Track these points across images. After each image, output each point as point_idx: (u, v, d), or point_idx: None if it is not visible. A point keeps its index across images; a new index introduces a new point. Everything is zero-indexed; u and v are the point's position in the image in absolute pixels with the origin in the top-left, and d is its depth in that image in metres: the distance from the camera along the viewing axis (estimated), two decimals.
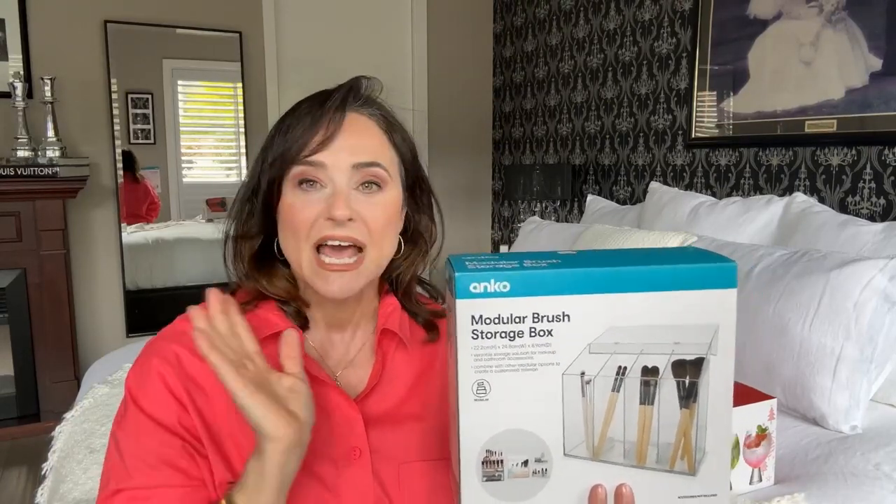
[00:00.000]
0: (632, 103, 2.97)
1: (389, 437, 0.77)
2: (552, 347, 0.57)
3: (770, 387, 1.50)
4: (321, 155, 0.73)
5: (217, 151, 3.51)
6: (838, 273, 1.49)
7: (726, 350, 0.60)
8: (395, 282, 0.84)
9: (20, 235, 2.82)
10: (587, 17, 3.21)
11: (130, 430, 0.72)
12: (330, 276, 0.74)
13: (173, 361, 0.74)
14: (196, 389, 0.73)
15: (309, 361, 0.75)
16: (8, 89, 2.83)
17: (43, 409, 2.90)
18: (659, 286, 0.58)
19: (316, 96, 0.77)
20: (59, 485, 1.35)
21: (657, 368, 0.59)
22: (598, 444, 0.59)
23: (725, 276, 0.59)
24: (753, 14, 2.35)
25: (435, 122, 3.82)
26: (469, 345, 0.57)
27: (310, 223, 0.73)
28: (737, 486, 1.14)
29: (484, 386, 0.57)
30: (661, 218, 2.36)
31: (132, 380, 0.75)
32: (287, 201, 0.75)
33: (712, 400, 0.60)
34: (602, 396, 0.58)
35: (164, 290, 3.33)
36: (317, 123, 0.73)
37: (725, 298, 0.60)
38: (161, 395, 0.73)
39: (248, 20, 3.38)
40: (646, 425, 0.59)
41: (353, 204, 0.73)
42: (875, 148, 2.03)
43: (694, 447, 0.60)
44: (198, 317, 0.64)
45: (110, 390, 1.65)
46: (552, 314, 0.57)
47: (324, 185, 0.74)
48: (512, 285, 0.56)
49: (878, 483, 1.19)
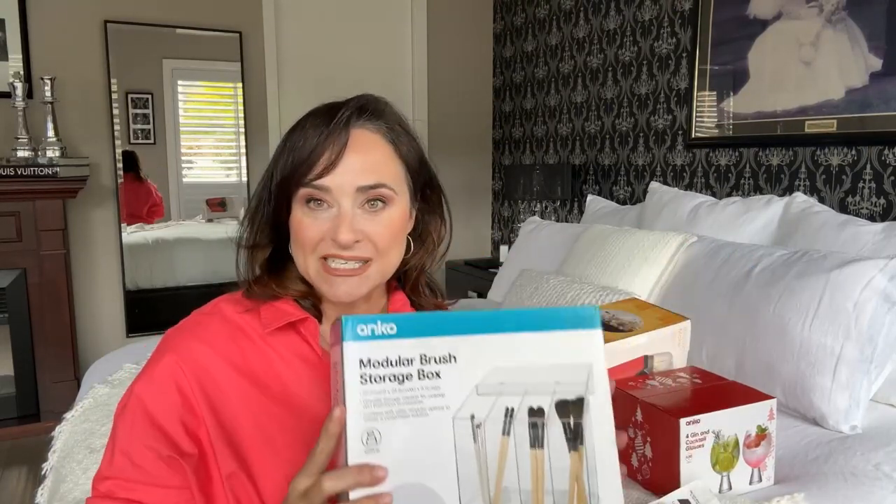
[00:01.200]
0: (632, 103, 2.97)
1: None
2: (441, 390, 0.58)
3: (770, 387, 1.50)
4: (326, 179, 0.74)
5: (217, 151, 3.51)
6: (838, 273, 1.49)
7: (603, 391, 0.63)
8: (403, 276, 0.86)
9: (20, 235, 2.82)
10: (587, 17, 3.22)
11: (127, 422, 0.75)
12: (335, 280, 0.76)
13: (187, 357, 0.76)
14: (211, 383, 0.75)
15: (323, 352, 0.79)
16: (8, 89, 2.83)
17: (43, 409, 2.90)
18: (533, 326, 0.61)
19: (322, 111, 0.78)
20: (59, 485, 1.35)
21: (542, 409, 0.60)
22: (494, 496, 0.59)
23: (588, 316, 0.63)
24: (753, 14, 2.35)
25: (435, 121, 3.82)
26: (358, 390, 0.56)
27: (315, 242, 0.76)
28: (737, 486, 1.14)
29: (374, 436, 0.56)
30: (661, 218, 2.36)
31: (143, 374, 0.77)
32: (296, 217, 0.77)
33: (598, 442, 0.61)
34: (493, 441, 0.59)
35: (164, 290, 3.34)
36: (322, 144, 0.74)
37: (593, 339, 0.63)
38: (167, 394, 0.74)
39: (248, 20, 3.38)
40: (539, 471, 0.60)
41: (359, 224, 0.75)
42: (875, 148, 2.03)
43: (587, 494, 0.60)
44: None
45: (110, 390, 1.64)
46: (439, 355, 0.58)
47: (330, 206, 0.75)
48: (398, 327, 0.58)
49: (878, 483, 1.19)
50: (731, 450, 1.12)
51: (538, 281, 2.07)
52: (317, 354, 0.79)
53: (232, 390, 0.75)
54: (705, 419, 1.09)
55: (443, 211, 0.87)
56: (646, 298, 1.91)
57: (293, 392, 0.77)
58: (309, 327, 0.80)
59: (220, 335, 0.78)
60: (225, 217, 3.46)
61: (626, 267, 2.00)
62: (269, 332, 0.79)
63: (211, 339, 0.78)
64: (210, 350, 0.76)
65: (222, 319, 0.80)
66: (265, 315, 0.79)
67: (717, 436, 1.10)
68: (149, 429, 0.74)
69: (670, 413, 1.10)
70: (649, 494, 1.11)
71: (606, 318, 1.39)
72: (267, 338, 0.79)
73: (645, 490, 1.13)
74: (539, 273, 2.14)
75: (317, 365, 0.79)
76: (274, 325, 0.79)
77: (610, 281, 2.00)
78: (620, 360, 1.28)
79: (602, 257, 2.09)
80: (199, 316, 0.81)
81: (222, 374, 0.76)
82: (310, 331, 0.80)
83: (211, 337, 0.78)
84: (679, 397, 1.18)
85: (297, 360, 0.79)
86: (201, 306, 0.83)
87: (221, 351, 0.77)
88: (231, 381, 0.76)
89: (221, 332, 0.78)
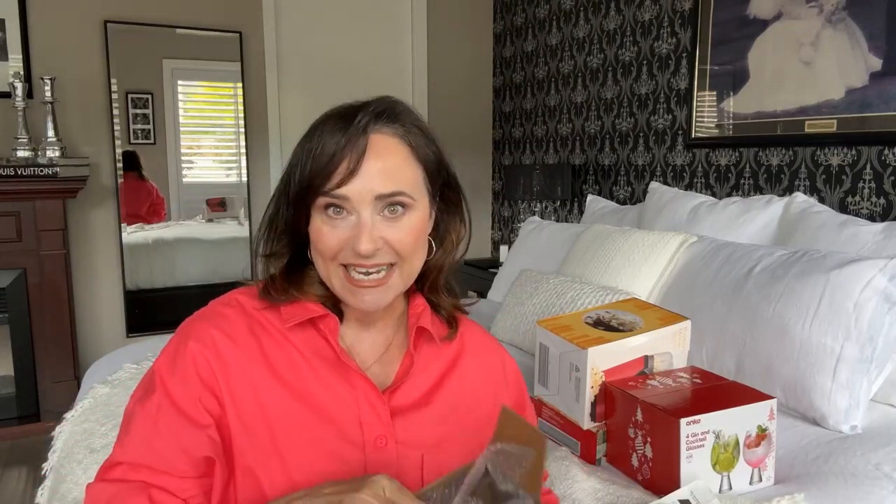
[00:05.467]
0: (632, 103, 2.97)
1: (415, 428, 0.80)
2: None
3: (770, 387, 1.50)
4: (345, 188, 0.73)
5: (217, 151, 3.51)
6: (838, 273, 1.49)
7: None
8: (421, 277, 0.86)
9: (20, 235, 2.82)
10: (587, 17, 3.22)
11: (151, 412, 0.74)
12: (360, 291, 0.76)
13: (209, 344, 0.76)
14: (228, 373, 0.75)
15: (342, 351, 0.79)
16: (8, 89, 2.84)
17: (43, 409, 2.90)
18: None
19: (339, 115, 0.77)
20: (59, 485, 1.35)
21: None
22: None
23: None
24: (753, 14, 2.35)
25: (435, 121, 3.82)
26: None
27: (335, 251, 0.75)
28: (737, 486, 1.14)
29: None
30: (661, 218, 2.36)
31: (164, 361, 0.77)
32: (315, 225, 0.76)
33: None
34: None
35: (164, 290, 3.34)
36: (340, 153, 0.73)
37: None
38: (191, 382, 0.74)
39: (248, 20, 3.38)
40: None
41: (379, 231, 0.74)
42: (875, 148, 2.03)
43: None
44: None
45: (110, 390, 1.64)
46: None
47: (350, 213, 0.75)
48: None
49: (878, 483, 1.19)
50: (732, 450, 1.12)
51: (538, 281, 2.07)
52: (335, 352, 0.79)
53: (251, 382, 0.75)
54: (705, 419, 1.09)
55: (462, 211, 0.87)
56: (646, 298, 1.91)
57: (310, 389, 0.77)
58: (329, 324, 0.79)
59: (239, 327, 0.78)
60: (225, 217, 3.46)
61: (626, 267, 2.00)
62: (289, 328, 0.79)
63: (231, 330, 0.77)
64: (230, 341, 0.76)
65: (241, 312, 0.80)
66: (286, 310, 0.79)
67: (718, 436, 1.11)
68: (175, 418, 0.73)
69: (670, 413, 1.10)
70: (649, 494, 1.11)
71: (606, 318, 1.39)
72: (286, 333, 0.79)
73: (645, 490, 1.13)
74: (539, 273, 2.14)
75: (335, 363, 0.79)
76: (295, 319, 0.78)
77: (610, 281, 1.99)
78: (620, 360, 1.28)
79: (602, 257, 2.09)
80: (218, 306, 0.80)
81: (241, 366, 0.76)
82: (330, 328, 0.79)
83: (231, 328, 0.77)
84: (679, 397, 1.18)
85: (315, 358, 0.79)
86: (216, 298, 0.82)
87: (241, 343, 0.77)
88: (250, 374, 0.76)
89: (241, 324, 0.78)
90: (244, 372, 0.76)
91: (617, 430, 1.23)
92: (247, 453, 0.74)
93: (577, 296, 1.89)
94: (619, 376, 1.28)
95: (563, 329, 1.35)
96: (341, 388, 0.78)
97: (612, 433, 1.25)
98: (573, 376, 1.29)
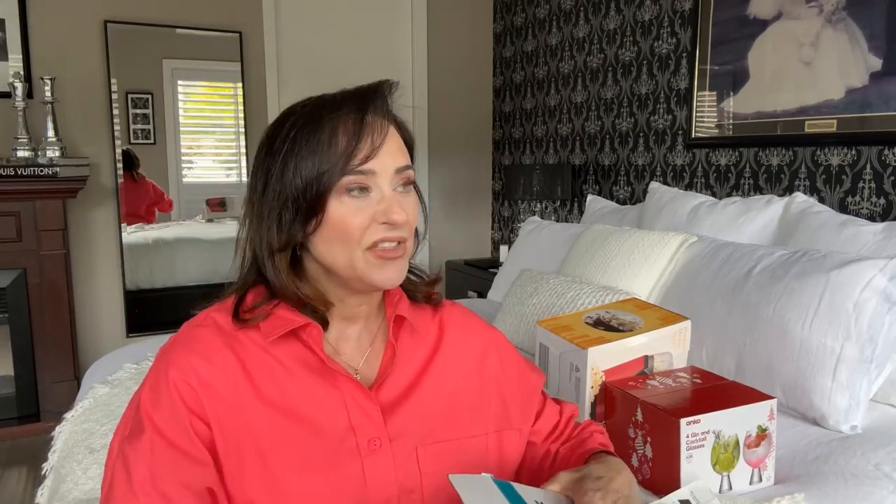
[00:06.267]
0: (632, 103, 2.97)
1: (406, 420, 0.80)
2: None
3: (770, 387, 1.50)
4: (371, 163, 0.75)
5: (217, 151, 3.51)
6: (838, 273, 1.49)
7: None
8: None
9: (20, 235, 2.82)
10: (587, 17, 3.22)
11: (145, 454, 0.71)
12: (388, 264, 0.77)
13: (189, 371, 0.74)
14: (213, 398, 0.74)
15: (327, 358, 0.78)
16: (8, 89, 2.84)
17: (43, 409, 2.90)
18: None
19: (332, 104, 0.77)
20: (59, 485, 1.35)
21: None
22: None
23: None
24: (753, 14, 2.35)
25: (435, 121, 3.82)
26: None
27: (363, 229, 0.75)
28: (737, 486, 1.14)
29: None
30: (661, 218, 2.36)
31: (147, 396, 0.74)
32: (335, 211, 0.75)
33: None
34: None
35: (164, 290, 3.34)
36: (362, 131, 0.75)
37: None
38: (178, 411, 0.72)
39: (248, 20, 3.38)
40: None
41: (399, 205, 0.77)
42: (875, 148, 2.03)
43: None
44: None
45: (110, 390, 1.64)
46: None
47: (370, 191, 0.76)
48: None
49: (878, 483, 1.19)
50: (732, 450, 1.12)
51: (538, 281, 2.07)
52: (320, 360, 0.77)
53: (236, 404, 0.74)
54: (705, 419, 1.09)
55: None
56: (646, 298, 1.91)
57: (297, 402, 0.76)
58: (312, 333, 0.78)
59: (217, 348, 0.76)
60: (225, 217, 3.46)
61: (626, 267, 2.00)
62: (270, 342, 0.77)
63: (208, 353, 0.75)
64: (208, 364, 0.74)
65: (218, 331, 0.77)
66: (265, 325, 0.77)
67: (718, 436, 1.11)
68: (171, 454, 0.71)
69: (670, 413, 1.10)
70: (649, 494, 1.11)
71: (606, 318, 1.39)
72: (268, 347, 0.77)
73: (645, 490, 1.13)
74: (539, 273, 2.14)
75: (321, 370, 0.78)
76: (276, 333, 0.77)
77: (610, 281, 1.99)
78: (620, 360, 1.29)
79: (602, 257, 2.09)
80: (193, 329, 0.78)
81: (224, 387, 0.74)
82: (312, 337, 0.78)
83: (208, 351, 0.75)
84: (679, 397, 1.18)
85: (301, 368, 0.77)
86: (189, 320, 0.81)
87: (220, 365, 0.75)
88: (234, 395, 0.74)
89: (218, 344, 0.76)
90: (228, 393, 0.74)
91: (617, 430, 1.23)
92: (237, 475, 0.73)
93: (577, 296, 1.89)
94: (619, 376, 1.28)
95: (563, 329, 1.35)
96: (329, 396, 0.77)
97: (612, 433, 1.25)
98: (573, 376, 1.29)
